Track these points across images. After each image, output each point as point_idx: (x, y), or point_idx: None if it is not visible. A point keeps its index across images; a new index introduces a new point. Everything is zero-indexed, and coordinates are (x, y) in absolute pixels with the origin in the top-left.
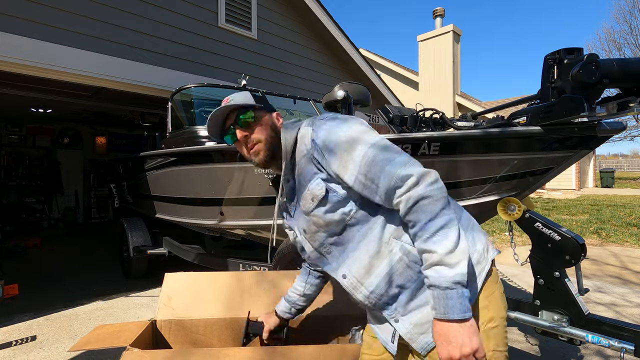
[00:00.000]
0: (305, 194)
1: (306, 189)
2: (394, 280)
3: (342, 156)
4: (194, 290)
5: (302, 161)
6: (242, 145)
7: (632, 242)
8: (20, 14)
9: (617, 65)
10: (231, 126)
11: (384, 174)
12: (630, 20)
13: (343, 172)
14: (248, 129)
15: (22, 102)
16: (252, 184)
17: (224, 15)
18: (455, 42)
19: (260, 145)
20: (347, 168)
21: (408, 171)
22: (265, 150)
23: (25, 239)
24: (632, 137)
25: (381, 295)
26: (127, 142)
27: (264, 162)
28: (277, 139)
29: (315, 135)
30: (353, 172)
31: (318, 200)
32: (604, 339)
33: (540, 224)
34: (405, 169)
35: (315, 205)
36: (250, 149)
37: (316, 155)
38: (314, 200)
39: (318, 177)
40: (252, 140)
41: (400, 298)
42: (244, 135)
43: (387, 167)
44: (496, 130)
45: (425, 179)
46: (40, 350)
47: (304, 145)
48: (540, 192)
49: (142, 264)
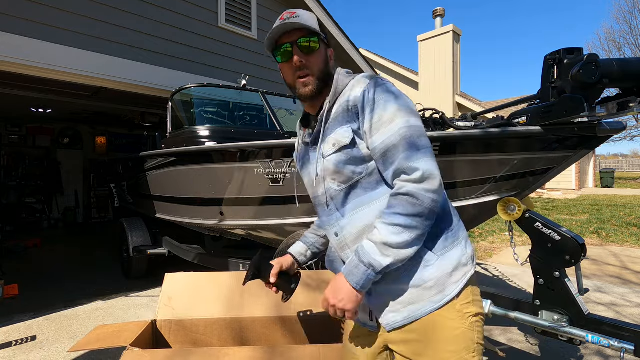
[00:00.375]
0: (330, 138)
1: (333, 132)
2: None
3: (382, 118)
4: (194, 290)
5: (342, 107)
6: (291, 70)
7: (632, 242)
8: (20, 14)
9: (617, 65)
10: (288, 44)
11: (404, 155)
12: (630, 20)
13: (375, 132)
14: (307, 55)
15: (22, 102)
16: (252, 184)
17: (224, 15)
18: (455, 42)
19: (312, 78)
20: (381, 131)
21: (421, 165)
22: (316, 83)
23: (25, 239)
24: (632, 137)
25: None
26: (127, 142)
27: (309, 95)
28: (327, 77)
29: (369, 88)
30: (383, 137)
31: (338, 147)
32: (604, 339)
33: (540, 224)
34: (420, 162)
35: (334, 151)
36: (300, 77)
37: (359, 106)
38: (335, 146)
39: (349, 126)
40: (307, 68)
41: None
42: (300, 60)
43: (410, 151)
44: (496, 130)
45: (427, 183)
46: (40, 350)
47: (352, 93)
48: (540, 192)
49: (142, 264)
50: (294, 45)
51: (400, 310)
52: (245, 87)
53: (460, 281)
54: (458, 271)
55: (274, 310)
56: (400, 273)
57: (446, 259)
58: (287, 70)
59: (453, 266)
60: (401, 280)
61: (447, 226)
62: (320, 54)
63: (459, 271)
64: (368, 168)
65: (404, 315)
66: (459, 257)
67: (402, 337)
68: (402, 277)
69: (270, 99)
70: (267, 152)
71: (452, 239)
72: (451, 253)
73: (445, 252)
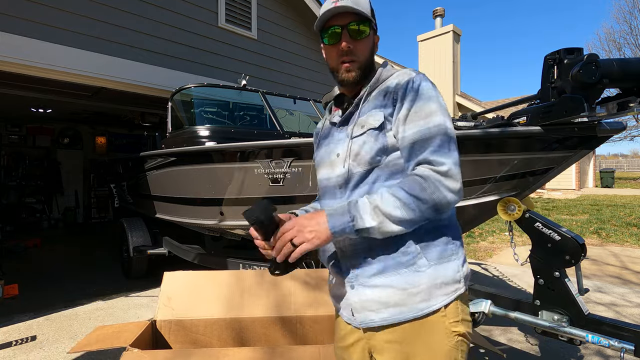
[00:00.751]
0: (361, 120)
1: (365, 115)
2: (373, 248)
3: (422, 110)
4: (194, 290)
5: (381, 92)
6: (336, 54)
7: (632, 242)
8: (20, 14)
9: (617, 65)
10: (338, 27)
11: (434, 149)
12: (630, 20)
13: (410, 121)
14: (356, 41)
15: (22, 102)
16: (252, 184)
17: (224, 15)
18: (455, 42)
19: (357, 64)
20: (416, 122)
21: (448, 163)
22: (359, 71)
23: (25, 239)
24: (632, 137)
25: (354, 250)
26: (127, 142)
27: (352, 82)
28: (370, 65)
29: (417, 79)
30: (418, 127)
31: (367, 129)
32: (604, 339)
33: (540, 224)
34: (449, 160)
35: (360, 133)
36: (345, 62)
37: (400, 93)
38: (364, 128)
39: (382, 110)
40: (353, 55)
41: (368, 267)
42: (348, 45)
43: (442, 147)
44: (496, 130)
45: (449, 180)
46: (40, 350)
47: (395, 80)
48: (540, 192)
49: (142, 264)
50: (343, 29)
51: (380, 311)
52: (245, 87)
53: (449, 296)
54: (448, 285)
55: (274, 310)
56: (387, 271)
57: (439, 270)
58: (332, 54)
59: (444, 279)
60: (387, 279)
61: (449, 239)
62: (368, 40)
63: (449, 285)
64: (386, 159)
65: (383, 316)
66: (453, 273)
67: (383, 344)
68: (388, 276)
69: (270, 99)
70: (267, 152)
71: (450, 252)
72: (445, 266)
73: (440, 263)
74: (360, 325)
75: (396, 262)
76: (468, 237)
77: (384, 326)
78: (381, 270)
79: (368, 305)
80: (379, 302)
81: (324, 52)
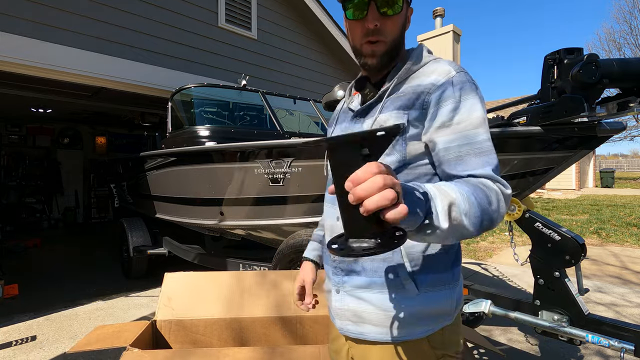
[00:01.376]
0: (382, 117)
1: (387, 114)
2: (363, 259)
3: (466, 121)
4: (194, 290)
5: (411, 90)
6: (361, 31)
7: (632, 242)
8: (20, 14)
9: (617, 65)
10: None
11: (489, 166)
12: (630, 20)
13: (450, 131)
14: (385, 17)
15: (22, 102)
16: (252, 184)
17: (224, 15)
18: (456, 42)
19: (383, 46)
20: (458, 133)
21: (508, 184)
22: (385, 54)
23: (25, 239)
24: (632, 137)
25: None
26: (127, 142)
27: (377, 65)
28: (398, 46)
29: (456, 82)
30: (459, 140)
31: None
32: (604, 339)
33: (540, 224)
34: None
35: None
36: (370, 42)
37: (434, 97)
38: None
39: (407, 114)
40: (380, 34)
41: (356, 277)
42: (375, 22)
43: (495, 164)
44: (496, 130)
45: (508, 202)
46: (40, 350)
47: (429, 79)
48: (540, 192)
49: (142, 264)
50: (371, 2)
51: (358, 324)
52: (245, 87)
53: (432, 327)
54: (434, 317)
55: (274, 310)
56: (374, 287)
57: (427, 299)
58: (356, 30)
59: (431, 309)
60: (372, 295)
61: (446, 266)
62: (400, 17)
63: (435, 317)
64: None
65: (360, 330)
66: (442, 304)
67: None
68: (374, 293)
69: (270, 99)
70: (267, 152)
71: (444, 281)
72: (436, 295)
73: (430, 291)
74: (340, 332)
75: (383, 281)
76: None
77: (360, 340)
78: (368, 284)
79: (348, 315)
80: (358, 315)
81: (346, 26)
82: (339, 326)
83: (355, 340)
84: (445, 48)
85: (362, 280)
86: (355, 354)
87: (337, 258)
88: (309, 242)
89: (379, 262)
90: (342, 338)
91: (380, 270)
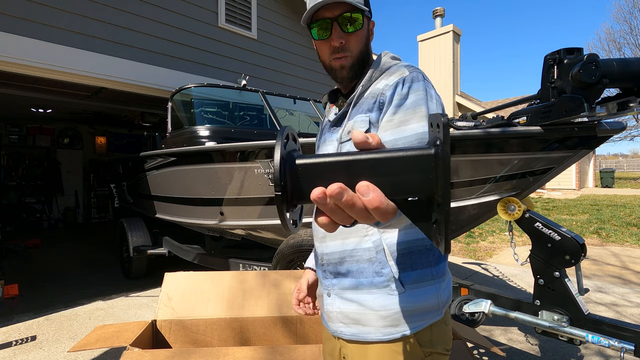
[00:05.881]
0: (348, 124)
1: (353, 119)
2: (347, 261)
3: (404, 117)
4: (194, 290)
5: (372, 93)
6: (327, 49)
7: (632, 242)
8: (20, 14)
9: (617, 65)
10: (328, 20)
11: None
12: (630, 20)
13: (389, 129)
14: (347, 34)
15: (22, 102)
16: (252, 184)
17: (224, 15)
18: (455, 42)
19: (350, 59)
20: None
21: None
22: (353, 66)
23: (25, 239)
24: (632, 137)
25: (329, 260)
26: (127, 142)
27: (346, 77)
28: (365, 57)
29: (406, 81)
30: (395, 130)
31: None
32: (604, 339)
33: (540, 224)
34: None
35: (347, 139)
36: (337, 58)
37: (388, 95)
38: (349, 134)
39: (369, 115)
40: (346, 50)
41: (344, 279)
42: (339, 40)
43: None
44: (496, 130)
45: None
46: (40, 350)
47: (387, 81)
48: (540, 192)
49: (142, 264)
50: (334, 22)
51: (350, 325)
52: (245, 87)
53: (420, 323)
54: (421, 313)
55: (275, 310)
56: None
57: (413, 296)
58: (324, 49)
59: (417, 305)
60: (360, 296)
61: (430, 262)
62: (362, 33)
63: (422, 313)
64: None
65: (352, 331)
66: (429, 299)
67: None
68: (361, 294)
69: (270, 99)
70: (267, 152)
71: (430, 277)
72: (422, 291)
73: (416, 287)
74: (333, 334)
75: (369, 282)
76: (468, 237)
77: (353, 340)
78: (355, 285)
79: (340, 317)
80: (349, 316)
81: (315, 45)
82: (332, 329)
83: (347, 341)
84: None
85: (350, 282)
86: (346, 354)
87: (325, 262)
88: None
89: (364, 263)
90: (334, 339)
91: (365, 271)
